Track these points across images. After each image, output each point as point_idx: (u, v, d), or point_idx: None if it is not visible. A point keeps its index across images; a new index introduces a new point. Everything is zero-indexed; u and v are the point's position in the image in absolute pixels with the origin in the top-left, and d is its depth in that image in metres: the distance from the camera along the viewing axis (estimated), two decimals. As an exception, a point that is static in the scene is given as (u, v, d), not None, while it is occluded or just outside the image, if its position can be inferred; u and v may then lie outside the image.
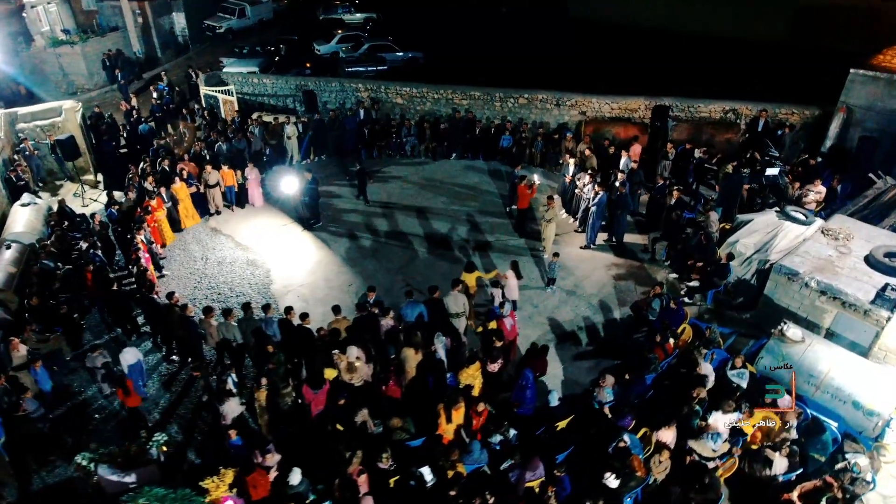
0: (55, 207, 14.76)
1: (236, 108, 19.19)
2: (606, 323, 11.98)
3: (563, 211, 15.28)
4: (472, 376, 9.52)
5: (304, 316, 10.48)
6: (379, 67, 23.46)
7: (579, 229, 14.55)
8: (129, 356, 10.48)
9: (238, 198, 15.58)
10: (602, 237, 14.19)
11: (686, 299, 12.20)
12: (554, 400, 9.06)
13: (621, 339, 11.37)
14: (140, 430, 9.68)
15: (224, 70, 21.82)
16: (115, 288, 11.87)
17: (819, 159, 15.30)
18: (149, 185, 14.63)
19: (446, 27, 30.22)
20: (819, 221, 12.04)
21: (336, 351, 9.71)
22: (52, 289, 12.06)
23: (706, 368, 9.44)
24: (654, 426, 8.77)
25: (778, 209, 12.46)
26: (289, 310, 10.58)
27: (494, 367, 9.87)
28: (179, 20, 29.59)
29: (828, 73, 16.53)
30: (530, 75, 21.65)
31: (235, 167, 15.44)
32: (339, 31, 27.15)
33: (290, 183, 14.51)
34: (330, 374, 9.77)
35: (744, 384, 9.48)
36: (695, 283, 12.06)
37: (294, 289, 13.20)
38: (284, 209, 15.77)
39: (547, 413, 9.06)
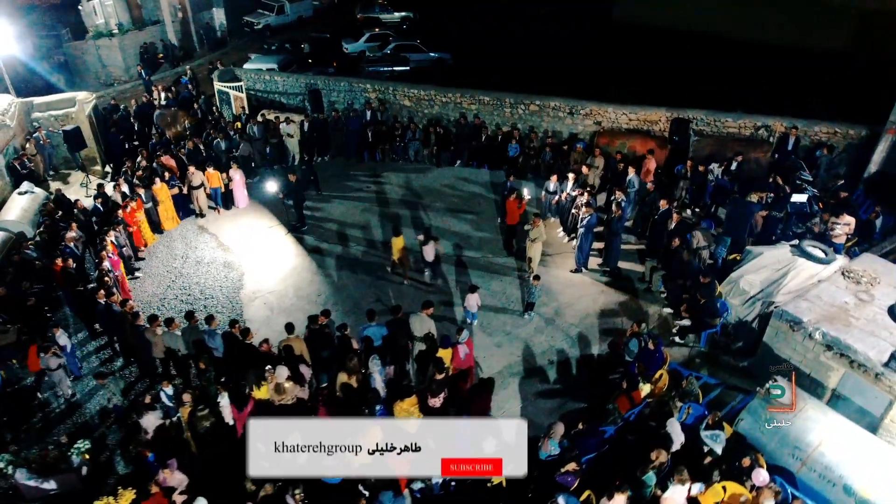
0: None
1: (244, 104, 18.99)
2: (582, 359, 10.78)
3: (561, 229, 14.10)
4: (406, 411, 8.64)
5: (245, 332, 9.91)
6: (400, 68, 22.83)
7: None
8: (61, 340, 10.30)
9: (224, 199, 15.21)
10: (597, 261, 12.95)
11: (678, 339, 10.84)
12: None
13: (594, 379, 10.17)
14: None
15: (245, 66, 21.78)
16: (80, 287, 11.65)
17: (861, 188, 13.41)
18: (136, 180, 14.58)
19: (484, 28, 29.36)
20: (841, 260, 10.39)
21: (269, 367, 9.07)
22: (29, 279, 12.03)
23: (672, 427, 8.16)
24: (603, 490, 7.62)
25: (794, 243, 10.86)
26: (233, 323, 9.99)
27: (436, 402, 8.93)
28: (219, 16, 30.07)
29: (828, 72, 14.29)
30: (558, 79, 20.62)
31: (222, 168, 15.08)
32: (368, 31, 26.73)
33: (272, 185, 14.10)
34: (263, 392, 9.16)
35: (718, 449, 8.13)
36: (686, 322, 10.66)
37: (262, 295, 12.71)
38: (275, 211, 15.35)
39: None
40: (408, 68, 23.05)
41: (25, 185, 15.04)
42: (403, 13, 31.62)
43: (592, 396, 9.80)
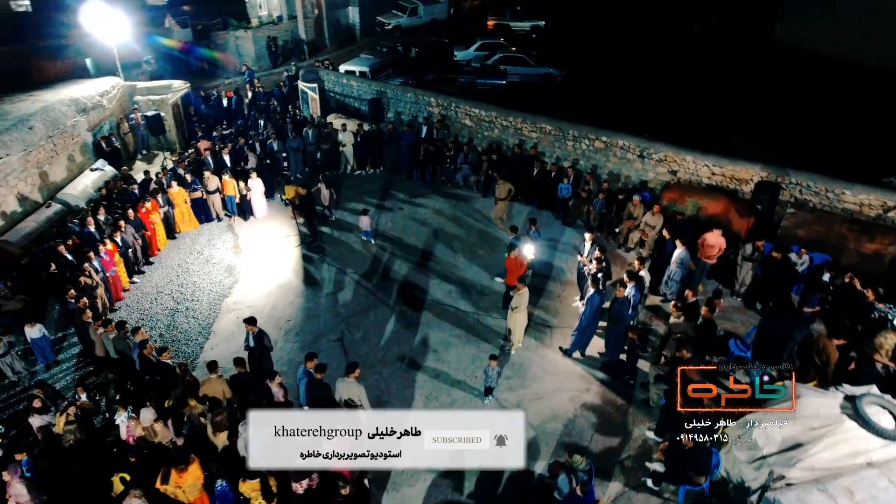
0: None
1: (317, 106, 18.94)
2: (520, 474, 8.54)
3: (578, 298, 11.64)
4: (254, 490, 7.44)
5: (161, 350, 9.46)
6: (493, 81, 21.14)
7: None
8: (34, 331, 10.67)
9: (239, 208, 14.96)
10: (599, 345, 10.38)
11: (650, 483, 8.11)
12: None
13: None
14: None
15: (341, 66, 21.85)
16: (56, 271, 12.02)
17: None
18: (181, 170, 15.10)
19: (619, 43, 26.31)
20: (919, 441, 6.85)
21: (133, 415, 8.43)
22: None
23: None
24: None
25: (857, 393, 7.45)
26: (144, 344, 9.51)
27: (299, 488, 7.59)
28: (354, 14, 30.92)
29: None
30: (672, 109, 17.68)
31: (245, 174, 14.89)
32: (482, 38, 25.39)
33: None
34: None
35: None
36: (660, 468, 7.88)
37: (239, 308, 12.27)
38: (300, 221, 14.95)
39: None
40: (503, 82, 21.26)
41: (99, 163, 16.41)
42: (534, 21, 29.71)
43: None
